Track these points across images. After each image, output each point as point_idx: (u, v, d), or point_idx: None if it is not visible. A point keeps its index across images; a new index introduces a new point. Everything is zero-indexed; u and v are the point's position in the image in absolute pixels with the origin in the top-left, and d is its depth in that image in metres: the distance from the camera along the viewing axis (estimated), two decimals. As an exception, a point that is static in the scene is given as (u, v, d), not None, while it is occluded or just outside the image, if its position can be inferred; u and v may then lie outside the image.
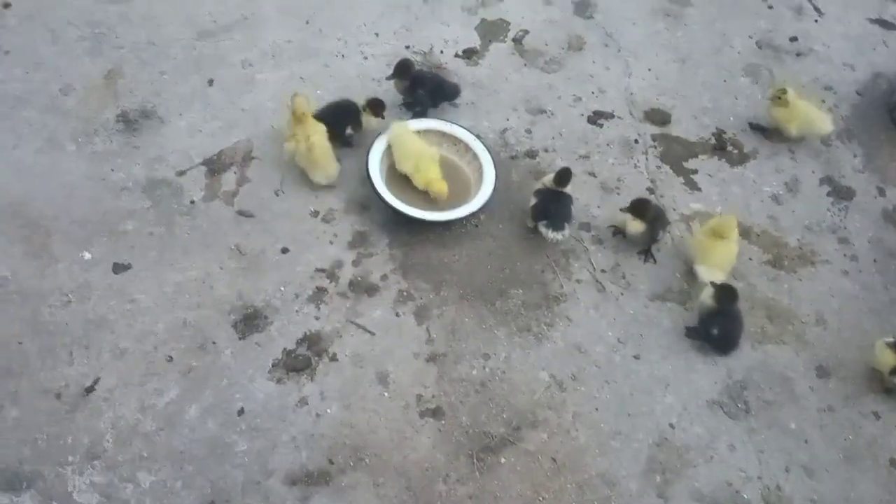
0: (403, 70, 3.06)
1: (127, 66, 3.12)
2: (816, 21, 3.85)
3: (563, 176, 2.85)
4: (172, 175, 2.86)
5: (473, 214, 2.85)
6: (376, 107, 3.01)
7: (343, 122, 2.99)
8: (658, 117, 3.38)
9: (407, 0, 3.62)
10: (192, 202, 2.81)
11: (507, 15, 3.66)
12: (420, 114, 3.14)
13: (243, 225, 2.79)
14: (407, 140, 2.91)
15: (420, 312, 2.68)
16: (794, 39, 3.77)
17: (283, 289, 2.65)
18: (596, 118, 3.33)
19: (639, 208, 2.80)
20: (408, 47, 3.43)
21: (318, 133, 2.83)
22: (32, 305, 2.50)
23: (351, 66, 3.32)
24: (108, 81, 3.06)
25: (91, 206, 2.73)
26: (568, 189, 2.87)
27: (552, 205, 2.84)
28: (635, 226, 2.81)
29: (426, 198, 2.90)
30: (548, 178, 2.88)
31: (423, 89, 3.08)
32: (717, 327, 2.67)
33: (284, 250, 2.75)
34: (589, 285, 2.83)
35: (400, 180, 2.92)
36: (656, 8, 3.81)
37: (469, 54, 3.46)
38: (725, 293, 2.67)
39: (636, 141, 3.27)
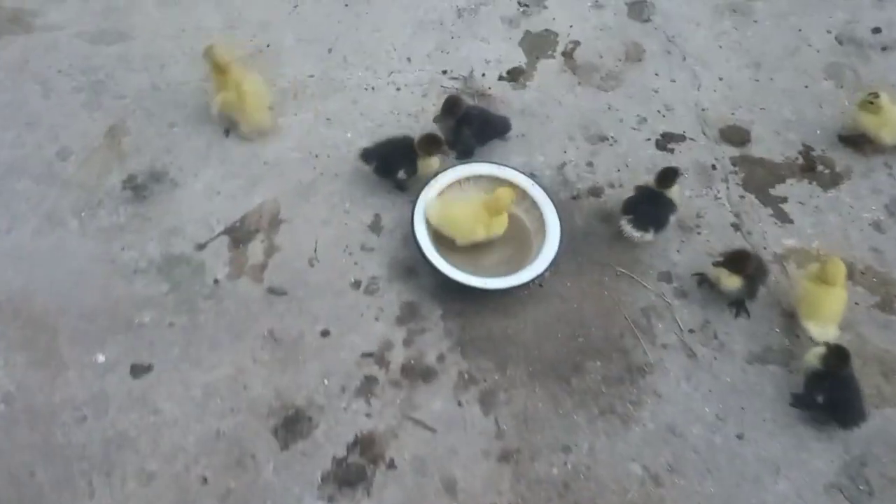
0: (452, 108, 2.67)
1: (131, 120, 2.75)
2: (902, 7, 3.39)
3: (667, 176, 2.57)
4: (191, 249, 2.50)
5: (538, 276, 2.46)
6: (429, 145, 2.59)
7: (394, 163, 2.61)
8: (736, 136, 2.96)
9: (439, 15, 3.20)
10: (216, 281, 2.45)
11: (553, 24, 3.23)
12: (465, 153, 2.75)
13: (276, 305, 2.43)
14: (447, 213, 2.51)
15: (485, 399, 2.32)
16: (877, 31, 3.31)
17: (326, 381, 2.30)
18: (665, 142, 2.91)
19: (736, 262, 2.40)
20: (445, 72, 3.03)
21: (249, 81, 2.61)
22: (43, 425, 2.16)
23: (383, 100, 2.92)
24: (110, 140, 2.69)
25: (101, 294, 2.38)
26: (673, 194, 2.59)
27: (645, 202, 2.57)
28: (732, 282, 2.41)
29: (481, 257, 2.53)
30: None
31: (470, 128, 2.68)
32: (824, 394, 2.29)
33: (325, 333, 2.39)
34: (677, 350, 2.45)
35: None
36: (720, 4, 3.36)
37: (514, 75, 3.05)
38: (836, 355, 2.28)
39: (714, 167, 2.86)
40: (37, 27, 2.96)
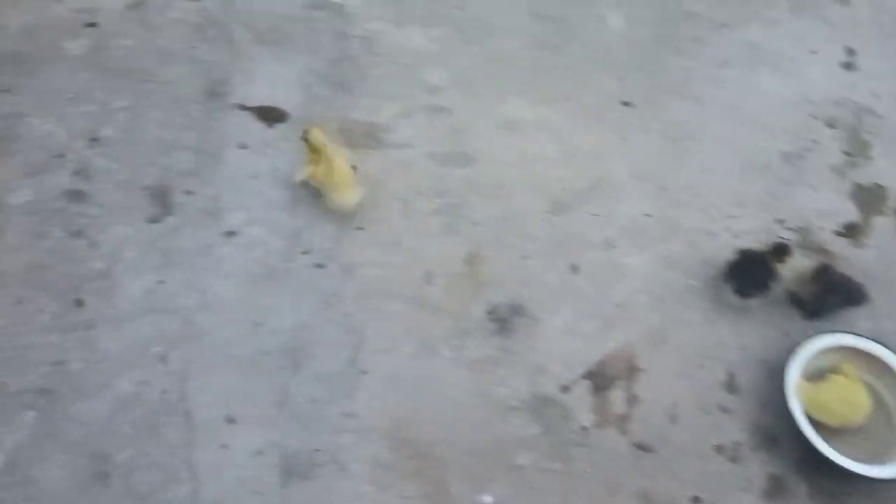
0: (820, 275, 2.69)
1: (487, 248, 2.86)
2: None
3: None
4: (557, 391, 2.56)
5: (921, 467, 2.40)
6: (782, 253, 2.72)
7: (762, 276, 2.71)
8: None
9: (766, 158, 3.20)
10: (584, 429, 2.50)
11: (880, 177, 3.18)
12: (814, 315, 2.73)
13: (643, 462, 2.45)
14: (818, 398, 2.49)
15: (866, 593, 2.26)
16: None
17: (705, 553, 2.30)
18: None
19: None
20: (779, 221, 3.02)
21: (340, 157, 2.74)
22: (442, 566, 2.25)
23: (721, 247, 2.93)
24: (470, 268, 2.81)
25: (480, 429, 2.47)
26: None
27: None
28: None
29: (844, 434, 2.48)
30: None
31: (835, 297, 2.67)
32: None
33: (696, 500, 2.39)
34: None
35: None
36: None
37: (851, 232, 3.01)
38: None
39: None
40: (389, 144, 3.12)
